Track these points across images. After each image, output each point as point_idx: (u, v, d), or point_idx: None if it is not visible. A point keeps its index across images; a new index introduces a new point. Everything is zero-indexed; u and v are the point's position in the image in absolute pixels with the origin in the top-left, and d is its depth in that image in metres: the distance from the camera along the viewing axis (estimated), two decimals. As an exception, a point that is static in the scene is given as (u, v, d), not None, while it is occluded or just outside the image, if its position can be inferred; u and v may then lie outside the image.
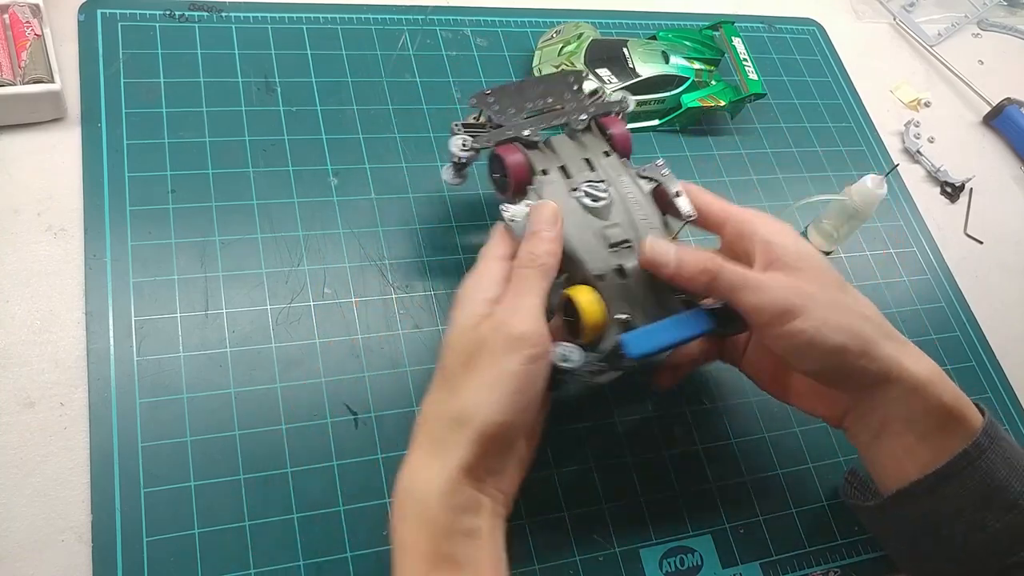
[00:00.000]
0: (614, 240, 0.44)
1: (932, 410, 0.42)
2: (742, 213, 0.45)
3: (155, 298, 0.48)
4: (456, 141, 0.48)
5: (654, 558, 0.48)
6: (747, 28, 0.75)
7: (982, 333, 0.64)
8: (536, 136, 0.48)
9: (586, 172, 0.46)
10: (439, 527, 0.36)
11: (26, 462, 0.43)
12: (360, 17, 0.63)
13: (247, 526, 0.43)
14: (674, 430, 0.53)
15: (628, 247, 0.44)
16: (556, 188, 0.45)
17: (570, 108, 0.50)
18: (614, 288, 0.43)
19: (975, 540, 0.42)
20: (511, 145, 0.47)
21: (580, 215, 0.44)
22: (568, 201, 0.45)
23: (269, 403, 0.46)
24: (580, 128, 0.49)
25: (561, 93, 0.51)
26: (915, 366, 0.42)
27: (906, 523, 0.44)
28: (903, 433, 0.43)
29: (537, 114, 0.50)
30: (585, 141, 0.49)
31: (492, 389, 0.38)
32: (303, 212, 0.53)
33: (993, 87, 0.79)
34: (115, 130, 0.52)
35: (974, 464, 0.42)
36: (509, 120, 0.49)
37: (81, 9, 0.56)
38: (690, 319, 0.43)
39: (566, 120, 0.49)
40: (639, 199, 0.46)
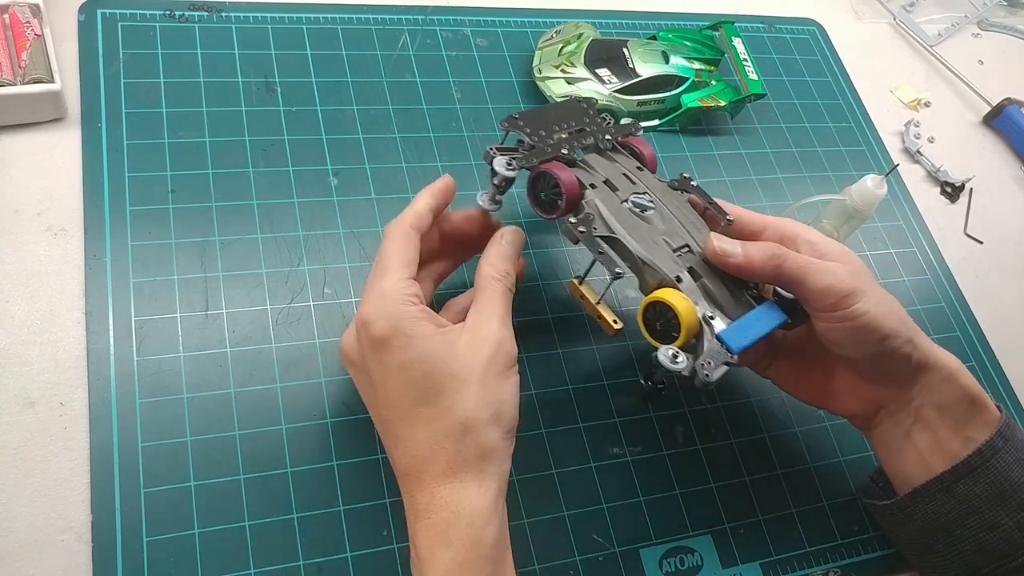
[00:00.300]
0: (675, 245, 0.45)
1: (962, 398, 0.45)
2: (779, 220, 0.47)
3: (155, 298, 0.48)
4: (500, 161, 0.46)
5: (654, 558, 0.48)
6: (747, 28, 0.75)
7: (982, 333, 0.64)
8: (573, 154, 0.48)
9: (629, 185, 0.48)
10: (489, 548, 0.37)
11: (26, 462, 0.43)
12: (360, 17, 0.63)
13: (247, 526, 0.43)
14: (674, 430, 0.53)
15: (688, 251, 0.46)
16: (610, 200, 0.46)
17: (591, 130, 0.51)
18: (693, 289, 0.44)
19: (987, 539, 0.43)
20: (556, 163, 0.47)
21: (640, 224, 0.46)
22: (622, 212, 0.46)
23: (269, 403, 0.46)
24: (607, 148, 0.50)
25: (580, 117, 0.52)
26: (945, 356, 0.45)
27: (920, 521, 0.45)
28: (935, 424, 0.45)
29: (565, 136, 0.50)
30: (616, 159, 0.50)
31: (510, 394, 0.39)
32: (303, 212, 0.53)
33: (993, 87, 0.79)
34: (115, 130, 0.52)
35: (988, 463, 0.43)
36: (543, 141, 0.49)
37: (81, 9, 0.56)
38: (769, 311, 0.44)
39: (594, 140, 0.50)
40: (680, 207, 0.48)
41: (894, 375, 0.45)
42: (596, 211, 0.46)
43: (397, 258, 0.41)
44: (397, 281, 0.40)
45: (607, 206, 0.46)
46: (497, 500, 0.38)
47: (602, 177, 0.48)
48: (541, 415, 0.50)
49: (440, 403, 0.38)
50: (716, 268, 0.45)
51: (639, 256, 0.44)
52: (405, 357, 0.38)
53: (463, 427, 0.37)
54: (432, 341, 0.38)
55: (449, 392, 0.38)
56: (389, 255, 0.41)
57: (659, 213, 0.47)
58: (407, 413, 0.38)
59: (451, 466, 0.37)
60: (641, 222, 0.46)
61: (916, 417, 0.45)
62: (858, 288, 0.42)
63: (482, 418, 0.37)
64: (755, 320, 0.43)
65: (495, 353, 0.39)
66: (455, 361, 0.38)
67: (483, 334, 0.39)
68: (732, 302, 0.44)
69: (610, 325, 0.46)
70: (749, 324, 0.43)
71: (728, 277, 0.45)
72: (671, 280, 0.44)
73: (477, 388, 0.38)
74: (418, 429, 0.38)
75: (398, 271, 0.40)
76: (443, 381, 0.38)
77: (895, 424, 0.46)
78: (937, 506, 0.44)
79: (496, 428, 0.38)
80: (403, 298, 0.39)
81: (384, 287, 0.39)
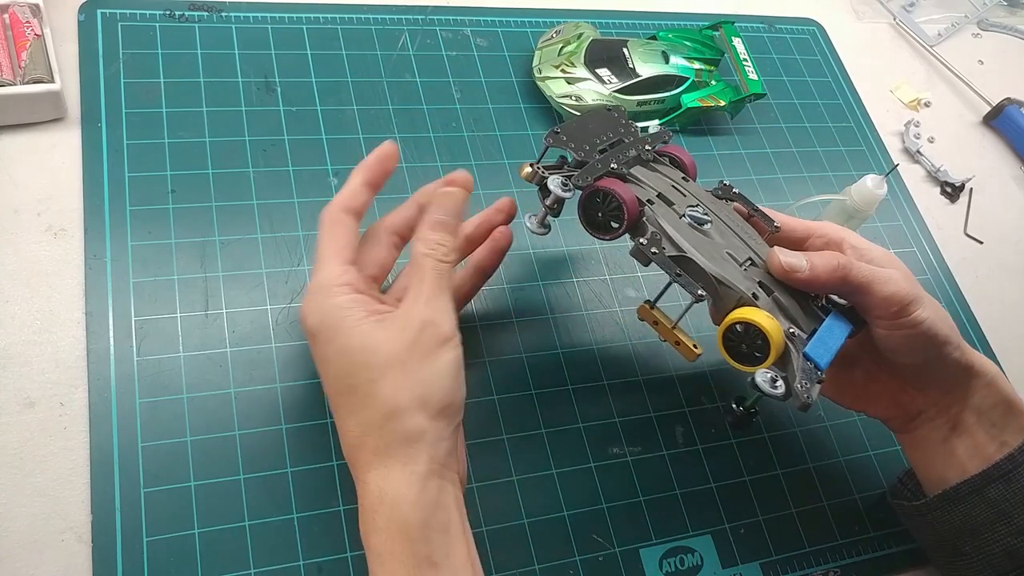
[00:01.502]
0: (740, 259, 0.43)
1: (1000, 402, 0.45)
2: (823, 225, 0.47)
3: (155, 298, 0.48)
4: (556, 180, 0.44)
5: (654, 558, 0.48)
6: (747, 28, 0.75)
7: (982, 333, 0.64)
8: (623, 169, 0.45)
9: (682, 198, 0.45)
10: (415, 529, 0.36)
11: (26, 462, 0.43)
12: (360, 17, 0.63)
13: (247, 526, 0.43)
14: (674, 430, 0.53)
15: (751, 264, 0.43)
16: (669, 217, 0.43)
17: (630, 140, 0.48)
18: (770, 306, 0.42)
19: (1016, 544, 0.44)
20: (610, 179, 0.44)
21: (703, 240, 0.43)
22: (683, 228, 0.43)
23: (269, 403, 0.46)
24: (649, 159, 0.47)
25: (615, 127, 0.49)
26: (986, 361, 0.46)
27: (949, 524, 0.46)
28: (974, 429, 0.45)
29: (608, 148, 0.47)
30: (660, 170, 0.47)
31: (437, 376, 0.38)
32: (303, 212, 0.53)
33: (993, 87, 0.79)
34: (115, 130, 0.52)
35: (1020, 468, 0.44)
36: (589, 156, 0.45)
37: (81, 9, 0.56)
38: (838, 321, 0.43)
39: (636, 151, 0.47)
40: (731, 217, 0.46)
41: (941, 380, 0.45)
42: (660, 229, 0.43)
43: (329, 246, 0.41)
44: (328, 272, 0.40)
45: (669, 223, 0.43)
46: (426, 481, 0.37)
47: (655, 191, 0.44)
48: (541, 415, 0.50)
49: (361, 392, 0.38)
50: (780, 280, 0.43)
51: (713, 275, 0.42)
52: (330, 350, 0.39)
53: (384, 414, 0.37)
54: (355, 332, 0.38)
55: (369, 381, 0.37)
56: (321, 244, 0.41)
57: (716, 226, 0.44)
58: (339, 404, 0.39)
59: (376, 453, 0.37)
60: (704, 237, 0.43)
61: (956, 422, 0.45)
62: (917, 296, 0.42)
63: (401, 404, 0.37)
64: (830, 333, 0.42)
65: (417, 336, 0.38)
66: (376, 351, 0.38)
67: (408, 318, 0.38)
68: (804, 315, 0.43)
69: (691, 350, 0.44)
70: (827, 337, 0.42)
71: (793, 288, 0.43)
72: (749, 298, 0.41)
73: (397, 374, 0.37)
74: (348, 419, 0.38)
75: (330, 261, 0.40)
76: (362, 372, 0.38)
77: (934, 428, 0.46)
78: (967, 509, 0.45)
79: (422, 411, 0.37)
80: (333, 290, 0.39)
81: (317, 280, 0.40)
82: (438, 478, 0.37)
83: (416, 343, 0.38)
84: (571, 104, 0.60)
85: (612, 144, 0.47)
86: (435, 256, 0.40)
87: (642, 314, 0.46)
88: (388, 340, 0.38)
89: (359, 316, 0.38)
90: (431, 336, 0.38)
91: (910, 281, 0.43)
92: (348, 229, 0.42)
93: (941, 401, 0.46)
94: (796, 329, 0.41)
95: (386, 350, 0.38)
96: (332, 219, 0.42)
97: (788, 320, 0.42)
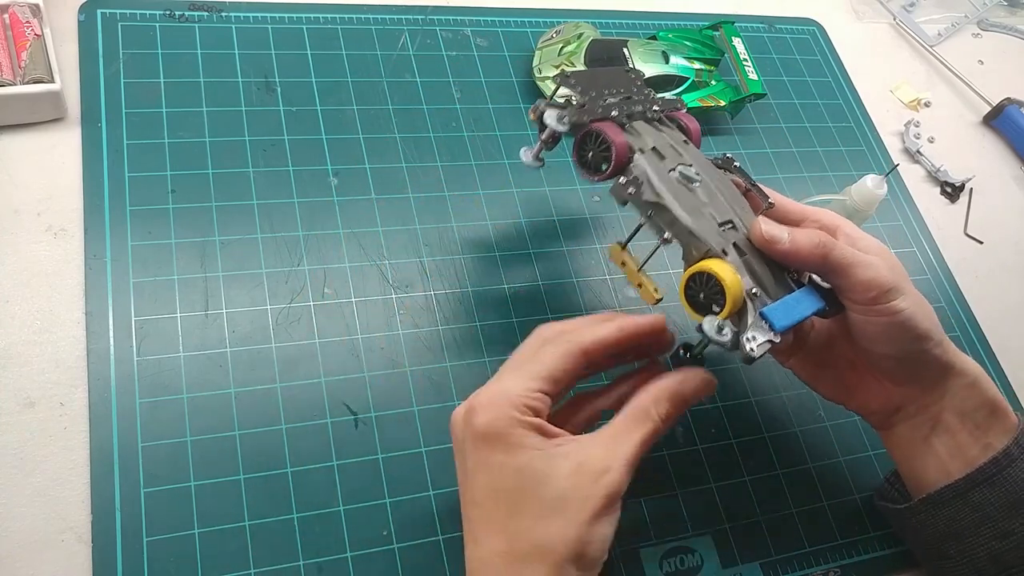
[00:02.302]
0: (721, 220, 0.44)
1: (983, 404, 0.45)
2: (821, 211, 0.46)
3: (155, 298, 0.48)
4: (552, 114, 0.46)
5: (654, 558, 0.48)
6: (747, 28, 0.75)
7: (982, 333, 0.64)
8: (623, 118, 0.47)
9: (676, 155, 0.46)
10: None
11: (26, 462, 0.43)
12: (360, 17, 0.63)
13: (247, 526, 0.43)
14: (674, 430, 0.52)
15: (731, 227, 0.44)
16: (658, 167, 0.45)
17: (640, 99, 0.49)
18: (739, 264, 0.42)
19: (1000, 547, 0.43)
20: (607, 123, 0.46)
21: (687, 194, 0.44)
22: (670, 180, 0.44)
23: (269, 403, 0.46)
24: (655, 118, 0.49)
25: (629, 86, 0.50)
26: (970, 362, 0.45)
27: (933, 527, 0.45)
28: (955, 429, 0.45)
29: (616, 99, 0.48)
30: (663, 130, 0.48)
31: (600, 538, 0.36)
32: (303, 212, 0.53)
33: (993, 87, 0.79)
34: (115, 130, 0.52)
35: (1004, 472, 0.43)
36: (593, 102, 0.47)
37: (81, 9, 0.56)
38: (810, 294, 0.43)
39: (642, 108, 0.48)
40: (724, 184, 0.46)
41: (920, 377, 0.45)
42: (644, 175, 0.44)
43: (545, 367, 0.38)
44: (525, 386, 0.37)
45: (655, 172, 0.44)
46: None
47: (650, 144, 0.46)
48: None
49: (522, 523, 0.35)
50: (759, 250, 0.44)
51: (686, 225, 0.43)
52: (504, 461, 0.36)
53: (539, 554, 0.35)
54: (535, 456, 0.36)
55: (534, 515, 0.35)
56: (541, 359, 0.39)
57: (705, 187, 0.45)
58: (489, 518, 0.36)
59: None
60: (687, 192, 0.44)
61: (936, 421, 0.45)
62: (899, 284, 0.42)
63: (559, 552, 0.35)
64: (797, 302, 0.42)
65: (597, 491, 0.35)
66: (552, 485, 0.35)
67: (596, 466, 0.36)
68: (774, 282, 0.43)
69: (651, 294, 0.45)
70: (792, 305, 0.42)
71: (770, 259, 0.44)
72: (717, 252, 0.42)
73: (564, 521, 0.35)
74: (493, 539, 0.36)
75: (535, 379, 0.38)
76: (531, 503, 0.35)
77: (914, 427, 0.46)
78: (951, 513, 0.44)
79: (573, 568, 0.35)
80: (521, 405, 0.37)
81: (509, 384, 0.37)
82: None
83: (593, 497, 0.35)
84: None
85: (622, 98, 0.48)
86: (656, 428, 0.39)
87: (612, 254, 0.47)
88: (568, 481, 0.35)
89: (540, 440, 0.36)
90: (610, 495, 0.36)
91: (895, 272, 0.42)
92: (571, 369, 0.39)
93: (920, 398, 0.45)
94: (760, 290, 0.42)
95: (564, 491, 0.35)
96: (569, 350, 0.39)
97: (755, 282, 0.42)
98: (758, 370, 0.56)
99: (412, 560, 0.44)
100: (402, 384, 0.49)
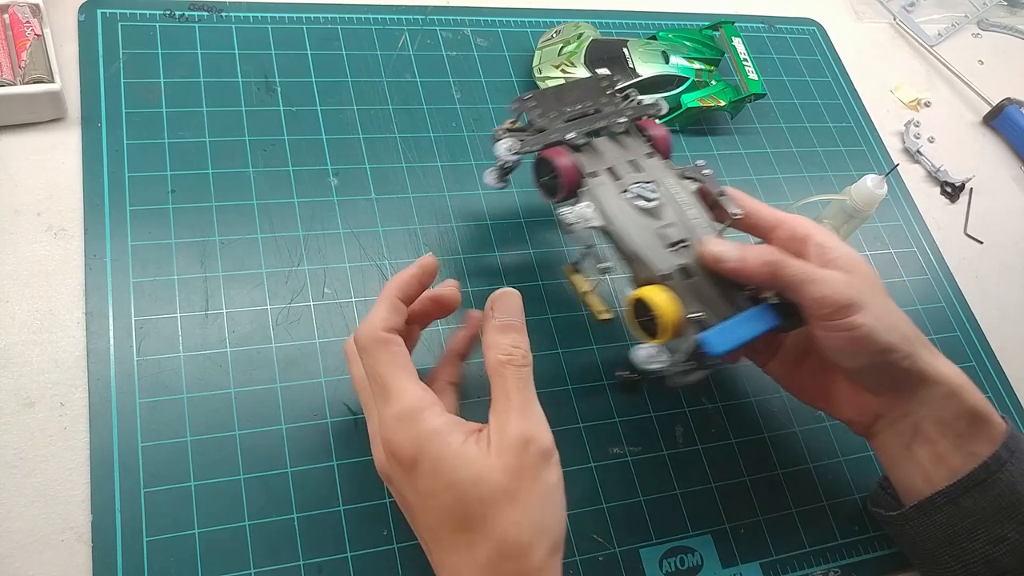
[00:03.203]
0: (672, 239, 0.44)
1: (963, 414, 0.44)
2: (794, 218, 0.46)
3: (155, 298, 0.48)
4: (503, 145, 0.48)
5: (654, 558, 0.48)
6: (747, 28, 0.75)
7: (982, 333, 0.64)
8: (581, 139, 0.48)
9: (633, 173, 0.47)
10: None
11: (26, 462, 0.43)
12: (360, 17, 0.63)
13: (247, 526, 0.43)
14: (674, 430, 0.53)
15: (686, 246, 0.44)
16: (607, 190, 0.46)
17: (607, 111, 0.50)
18: (683, 287, 0.43)
19: (994, 552, 0.43)
20: (558, 148, 0.48)
21: (636, 216, 0.45)
22: (621, 202, 0.45)
23: (269, 403, 0.46)
24: (620, 131, 0.49)
25: (597, 97, 0.51)
26: (949, 371, 0.44)
27: (926, 533, 0.45)
28: (936, 438, 0.44)
29: (577, 118, 0.49)
30: (627, 143, 0.49)
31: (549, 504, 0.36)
32: (303, 212, 0.53)
33: (993, 87, 0.79)
34: (115, 130, 0.52)
35: (994, 476, 0.43)
36: (551, 124, 0.49)
37: (81, 9, 0.56)
38: (760, 314, 0.43)
39: (606, 123, 0.49)
40: (686, 199, 0.46)
41: (890, 387, 0.44)
42: (595, 200, 0.45)
43: (391, 369, 0.38)
44: (407, 396, 0.37)
45: (606, 195, 0.45)
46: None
47: (607, 164, 0.47)
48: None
49: (475, 529, 0.35)
50: None
51: (631, 249, 0.44)
52: (436, 485, 0.35)
53: (501, 553, 0.34)
54: (460, 463, 0.35)
55: (483, 518, 0.35)
56: (381, 367, 0.38)
57: (663, 204, 0.45)
58: (444, 540, 0.36)
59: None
60: (640, 214, 0.45)
61: (916, 430, 0.44)
62: (855, 300, 0.41)
63: (521, 541, 0.34)
64: (743, 323, 0.43)
65: (521, 458, 0.35)
66: (484, 482, 0.35)
67: (505, 438, 0.35)
68: (723, 303, 0.43)
69: (599, 314, 0.47)
70: (735, 327, 0.42)
71: (724, 278, 0.44)
72: (658, 277, 0.43)
73: (511, 507, 0.35)
74: (457, 556, 0.36)
75: (403, 383, 0.37)
76: (475, 508, 0.35)
77: (895, 434, 0.45)
78: (943, 519, 0.44)
79: (540, 546, 0.35)
80: (424, 415, 0.36)
81: (397, 408, 0.37)
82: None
83: (522, 467, 0.35)
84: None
85: (587, 114, 0.50)
86: (514, 362, 0.38)
87: (566, 271, 0.49)
88: (494, 468, 0.35)
89: (459, 440, 0.35)
90: (534, 455, 0.35)
91: (854, 287, 0.41)
92: (402, 352, 0.38)
93: (898, 407, 0.45)
94: (706, 314, 0.42)
95: (495, 480, 0.35)
96: (378, 339, 0.38)
97: (702, 304, 0.43)
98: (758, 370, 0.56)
99: (412, 560, 0.44)
100: (402, 384, 0.49)
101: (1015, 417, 0.61)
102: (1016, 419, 0.61)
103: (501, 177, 0.50)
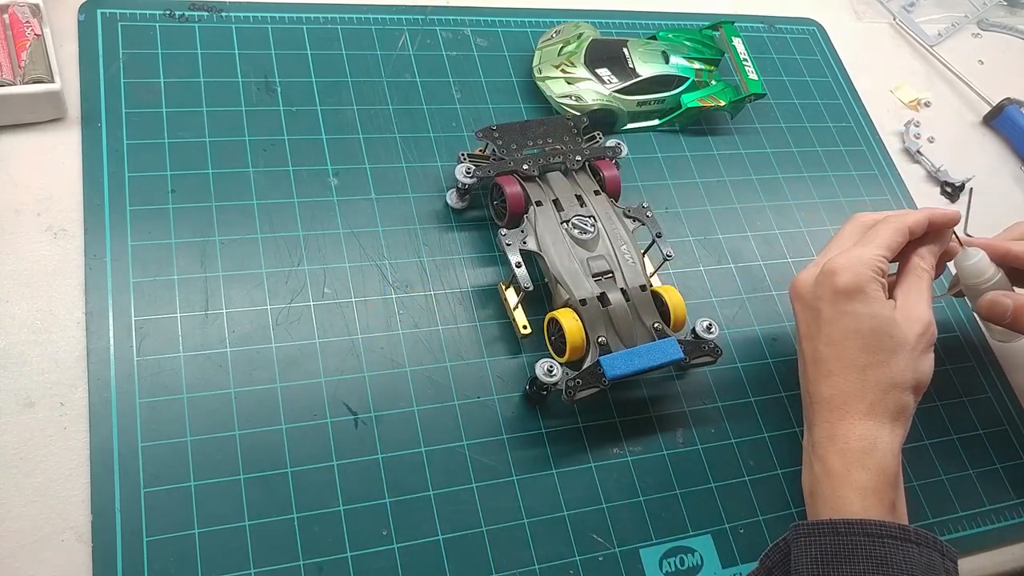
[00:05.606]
0: (597, 270, 0.50)
1: None
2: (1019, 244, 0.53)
3: (155, 298, 0.48)
4: (461, 168, 0.53)
5: (654, 558, 0.48)
6: (747, 28, 0.75)
7: (982, 333, 0.64)
8: (533, 171, 0.53)
9: (576, 207, 0.52)
10: (893, 477, 0.44)
11: (26, 462, 0.43)
12: (360, 17, 0.63)
13: (247, 526, 0.43)
14: (674, 430, 0.53)
15: (610, 277, 0.50)
16: (548, 219, 0.51)
17: (567, 149, 0.55)
18: (596, 313, 0.48)
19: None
20: (510, 176, 0.53)
21: (568, 245, 0.50)
22: (558, 232, 0.51)
23: (269, 403, 0.46)
24: (575, 168, 0.54)
25: (561, 135, 0.56)
26: None
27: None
28: None
29: (537, 152, 0.54)
30: (578, 180, 0.54)
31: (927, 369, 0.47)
32: (303, 212, 0.53)
33: (993, 87, 0.79)
34: (115, 130, 0.52)
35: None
36: (511, 154, 0.54)
37: (81, 9, 0.56)
38: (663, 347, 0.48)
39: (562, 159, 0.54)
40: (622, 236, 0.52)
41: None
42: (532, 226, 0.50)
43: (886, 239, 0.48)
44: (876, 253, 0.47)
45: (544, 224, 0.51)
46: (901, 443, 0.45)
47: (553, 196, 0.52)
48: (541, 415, 0.50)
49: (878, 357, 0.45)
50: (633, 299, 0.49)
51: (555, 273, 0.49)
52: (862, 310, 0.45)
53: (891, 382, 0.45)
54: (884, 306, 0.46)
55: (887, 351, 0.45)
56: (882, 233, 0.48)
57: (596, 238, 0.51)
58: (846, 354, 0.45)
59: (874, 409, 0.45)
60: (572, 243, 0.50)
61: None
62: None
63: (907, 380, 0.45)
64: (643, 353, 0.48)
65: (923, 332, 0.46)
66: (896, 328, 0.45)
67: (915, 314, 0.47)
68: (632, 332, 0.49)
69: (519, 329, 0.51)
70: (636, 355, 0.47)
71: (641, 309, 0.49)
72: (575, 302, 0.48)
73: (907, 356, 0.45)
74: (852, 371, 0.45)
75: (882, 248, 0.47)
76: (885, 341, 0.45)
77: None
78: None
79: (912, 393, 0.46)
80: (875, 267, 0.46)
81: (864, 253, 0.47)
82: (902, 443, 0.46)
83: (922, 337, 0.46)
84: (571, 104, 0.60)
85: (547, 149, 0.55)
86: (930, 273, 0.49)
87: (500, 288, 0.53)
88: (904, 326, 0.46)
89: (885, 297, 0.47)
90: (931, 336, 0.47)
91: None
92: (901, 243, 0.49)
93: None
94: (613, 340, 0.48)
95: (904, 333, 0.46)
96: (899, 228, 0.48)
97: (612, 330, 0.48)
98: (758, 370, 0.56)
99: (412, 560, 0.44)
100: (402, 384, 0.49)
101: (1015, 417, 0.61)
102: (1016, 419, 0.61)
103: (461, 197, 0.55)
